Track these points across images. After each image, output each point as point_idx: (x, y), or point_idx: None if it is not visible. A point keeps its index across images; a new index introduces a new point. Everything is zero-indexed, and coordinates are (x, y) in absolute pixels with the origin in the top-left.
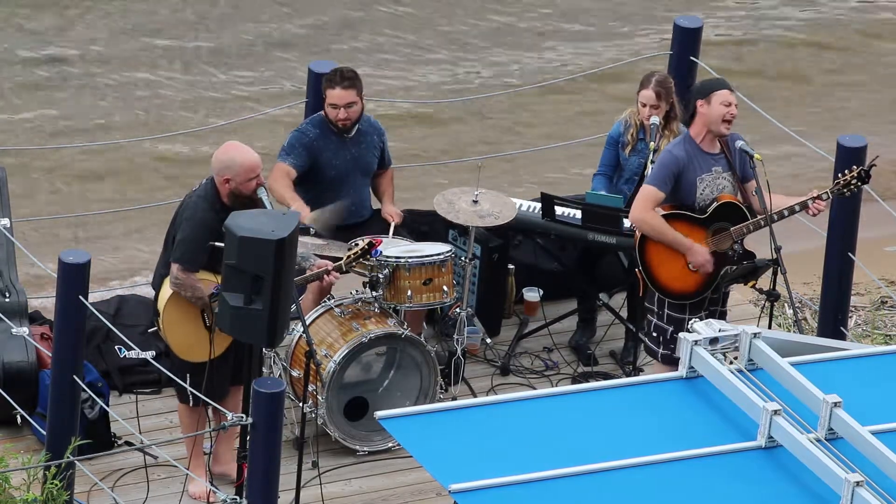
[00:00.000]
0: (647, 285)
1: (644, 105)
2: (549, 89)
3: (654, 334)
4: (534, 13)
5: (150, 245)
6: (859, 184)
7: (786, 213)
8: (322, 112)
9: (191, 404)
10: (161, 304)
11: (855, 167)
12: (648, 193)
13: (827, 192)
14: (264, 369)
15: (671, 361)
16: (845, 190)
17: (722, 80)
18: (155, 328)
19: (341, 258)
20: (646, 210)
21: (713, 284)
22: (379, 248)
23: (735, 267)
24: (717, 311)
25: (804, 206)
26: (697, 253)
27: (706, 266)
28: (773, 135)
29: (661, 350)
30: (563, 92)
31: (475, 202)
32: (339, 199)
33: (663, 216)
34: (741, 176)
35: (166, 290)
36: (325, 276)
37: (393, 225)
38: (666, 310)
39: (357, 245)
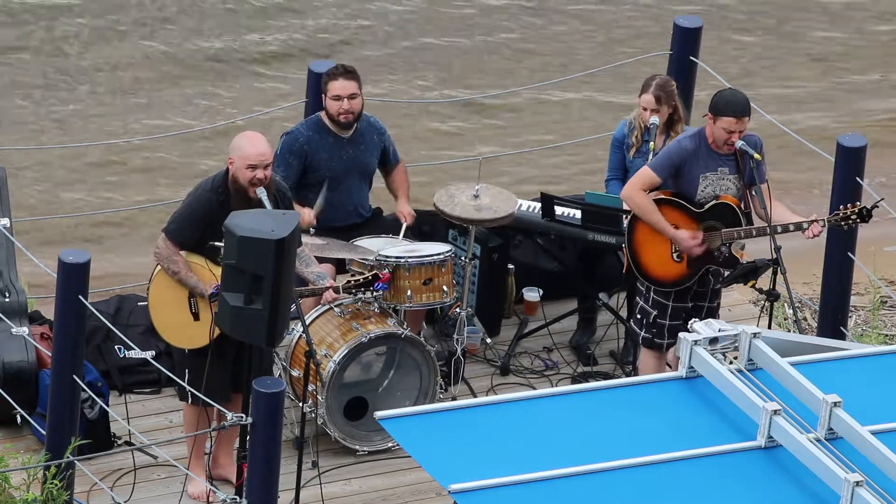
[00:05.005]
0: (630, 265)
1: (645, 108)
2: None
3: (639, 316)
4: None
5: (150, 244)
6: (858, 220)
7: (779, 229)
8: (318, 114)
9: (189, 402)
10: (150, 278)
11: (858, 203)
12: (645, 175)
13: (824, 221)
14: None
15: (651, 346)
16: (843, 223)
17: (736, 106)
18: (146, 303)
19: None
20: (636, 189)
21: (694, 277)
22: (384, 284)
23: (715, 268)
24: (705, 306)
25: (800, 227)
26: (682, 239)
27: (693, 251)
28: None
29: (642, 332)
30: (564, 92)
31: (476, 196)
32: (336, 200)
33: (659, 199)
34: (748, 181)
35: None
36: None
37: (405, 226)
38: (652, 294)
39: (361, 272)
